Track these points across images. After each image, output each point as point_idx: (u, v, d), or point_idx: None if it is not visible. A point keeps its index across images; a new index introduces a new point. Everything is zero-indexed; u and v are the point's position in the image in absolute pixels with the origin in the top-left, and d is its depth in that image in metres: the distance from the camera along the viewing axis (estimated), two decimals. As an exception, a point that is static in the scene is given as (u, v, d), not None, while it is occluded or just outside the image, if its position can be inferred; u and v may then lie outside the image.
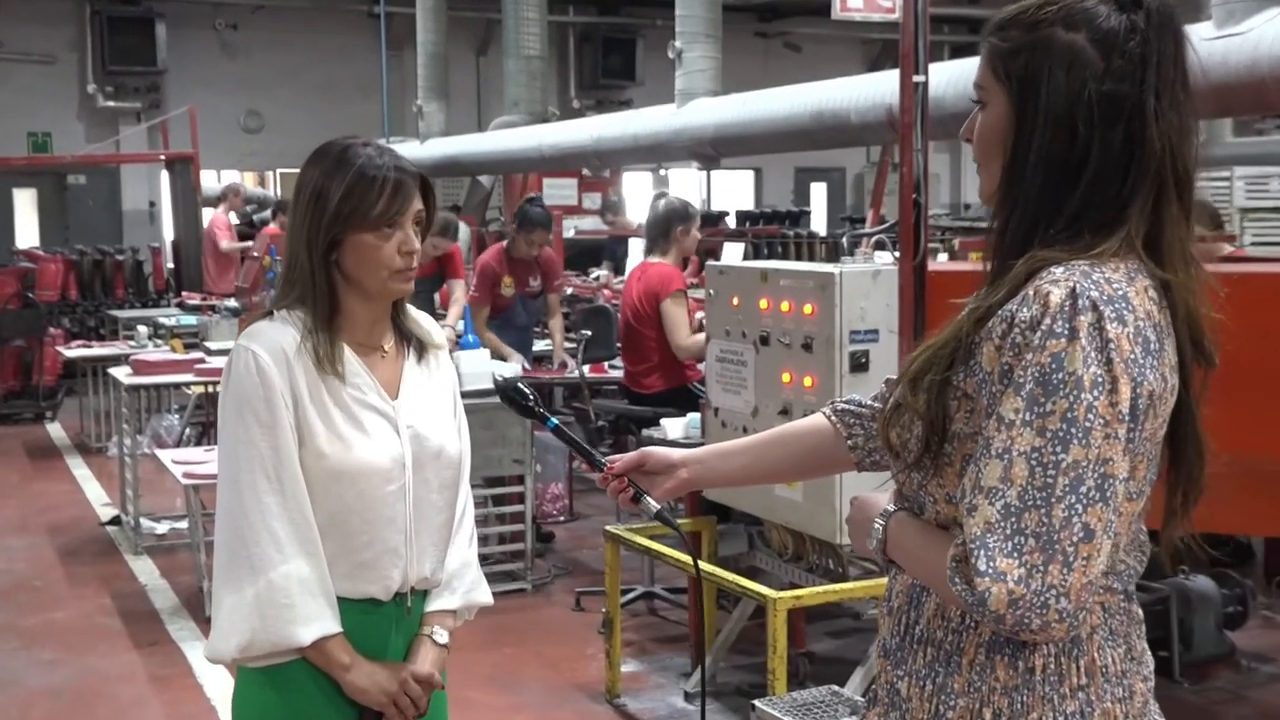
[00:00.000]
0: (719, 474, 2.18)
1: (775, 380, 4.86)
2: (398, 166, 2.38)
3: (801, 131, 8.56)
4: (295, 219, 2.38)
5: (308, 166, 2.39)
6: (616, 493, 2.16)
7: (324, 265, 2.36)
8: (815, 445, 2.10)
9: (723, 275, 5.19)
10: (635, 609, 6.41)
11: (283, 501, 2.29)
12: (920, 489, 1.78)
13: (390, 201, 2.35)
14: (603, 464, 2.17)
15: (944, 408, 1.71)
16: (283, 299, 2.40)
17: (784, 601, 4.25)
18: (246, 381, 2.30)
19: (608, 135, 10.96)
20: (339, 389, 2.36)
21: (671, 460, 2.17)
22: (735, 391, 5.09)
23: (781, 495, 4.87)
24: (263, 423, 2.29)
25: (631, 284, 7.14)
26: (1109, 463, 1.58)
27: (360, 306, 2.41)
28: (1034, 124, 1.68)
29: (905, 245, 4.62)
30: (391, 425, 2.40)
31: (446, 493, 2.47)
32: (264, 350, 2.32)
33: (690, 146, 9.79)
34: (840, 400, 2.10)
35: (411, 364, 2.49)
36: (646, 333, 6.88)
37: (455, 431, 2.51)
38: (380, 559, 2.37)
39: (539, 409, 2.27)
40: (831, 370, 4.64)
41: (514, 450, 6.51)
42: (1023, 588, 1.57)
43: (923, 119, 4.59)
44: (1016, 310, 1.63)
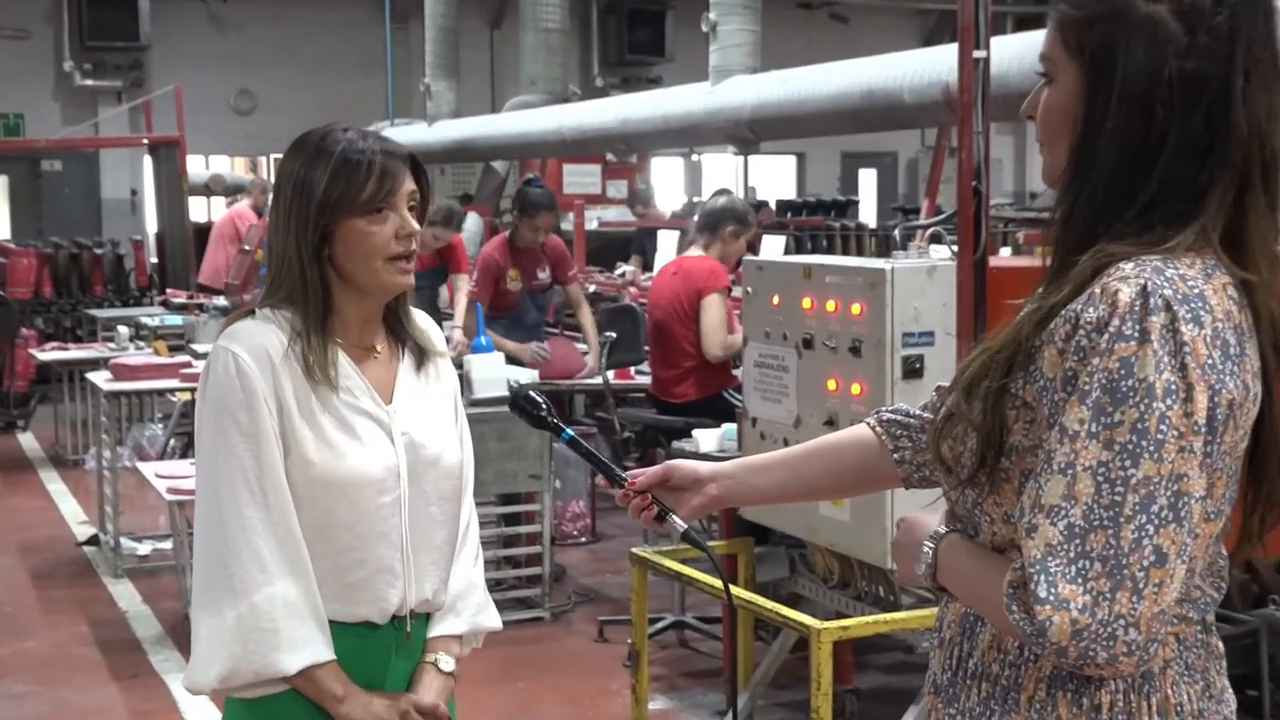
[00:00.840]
0: (751, 490, 2.18)
1: (819, 388, 4.86)
2: (383, 148, 2.40)
3: (849, 112, 8.55)
4: (279, 215, 2.40)
5: (286, 160, 2.42)
6: (638, 511, 2.16)
7: (315, 261, 2.38)
8: (858, 459, 2.10)
9: (762, 271, 5.19)
10: (664, 640, 6.41)
11: (266, 516, 2.30)
12: (974, 508, 1.79)
13: (380, 182, 2.37)
14: (623, 479, 2.18)
15: (1001, 418, 1.71)
16: (268, 297, 2.42)
17: (829, 633, 4.25)
18: (226, 386, 2.31)
19: (634, 116, 10.98)
20: (329, 393, 2.38)
21: (699, 475, 2.17)
22: (775, 400, 5.09)
23: (826, 515, 4.87)
24: (244, 430, 2.30)
25: (664, 280, 7.16)
26: (1183, 479, 1.58)
27: (353, 305, 2.43)
28: (1107, 102, 1.68)
29: (964, 238, 4.61)
30: (385, 431, 2.41)
31: (447, 506, 2.48)
32: (245, 352, 2.33)
33: (726, 129, 9.80)
34: (886, 409, 2.10)
35: (407, 367, 2.51)
36: (681, 333, 6.89)
37: (456, 439, 2.53)
38: (374, 578, 2.38)
39: (552, 419, 2.27)
40: (882, 377, 4.63)
41: (531, 464, 6.53)
42: (1087, 617, 1.57)
43: (984, 98, 4.59)
44: (1081, 310, 1.64)
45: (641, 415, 7.39)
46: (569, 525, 8.16)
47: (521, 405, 2.28)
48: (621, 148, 11.75)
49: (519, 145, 13.21)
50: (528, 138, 12.76)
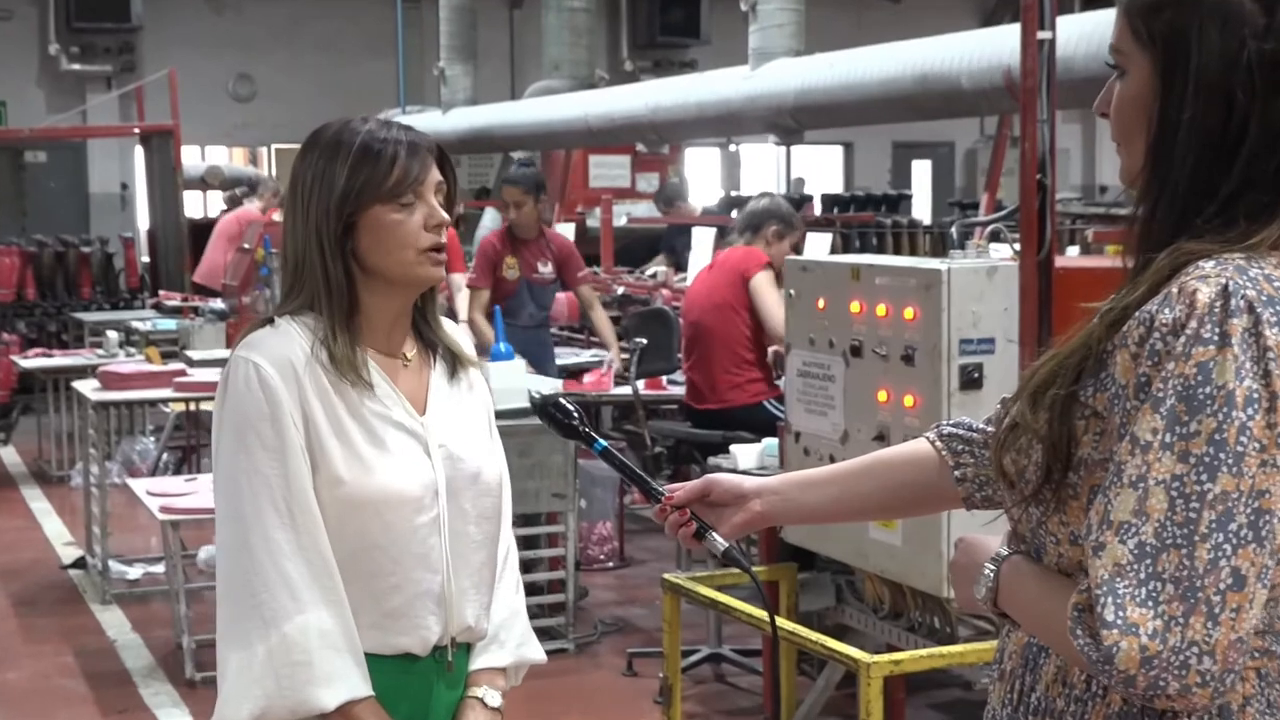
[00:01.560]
0: (799, 508, 2.18)
1: (869, 399, 4.86)
2: (409, 137, 2.42)
3: (901, 99, 8.55)
4: (296, 212, 2.41)
5: (302, 156, 2.43)
6: (676, 528, 2.17)
7: (339, 256, 2.39)
8: (916, 476, 2.10)
9: (806, 272, 5.19)
10: (699, 674, 6.42)
11: (296, 539, 2.30)
12: (1039, 527, 1.79)
13: (406, 168, 2.39)
14: (660, 494, 2.19)
15: (1069, 428, 1.71)
16: (286, 304, 2.43)
17: (880, 667, 4.24)
18: (248, 399, 2.32)
19: (667, 104, 10.99)
20: (358, 403, 2.38)
21: (742, 490, 2.18)
22: (820, 412, 5.08)
23: (876, 538, 4.87)
24: (268, 446, 2.31)
25: (700, 279, 7.18)
26: (1265, 495, 1.58)
27: (380, 305, 2.44)
28: (1182, 93, 1.68)
29: (1027, 236, 4.61)
30: (421, 445, 2.42)
31: (486, 525, 2.48)
32: (267, 361, 2.34)
33: (766, 117, 9.81)
34: (947, 423, 2.10)
35: (439, 376, 2.52)
36: (721, 330, 6.91)
37: (492, 453, 2.54)
38: (414, 605, 2.38)
39: (585, 429, 2.28)
40: (937, 387, 4.63)
41: (554, 482, 6.54)
42: (1158, 643, 1.57)
43: (1049, 83, 4.59)
44: (1157, 311, 1.64)
45: (674, 428, 7.39)
46: (595, 549, 8.17)
47: (552, 414, 2.28)
48: (653, 138, 11.78)
49: (541, 135, 13.24)
50: (550, 127, 12.79)
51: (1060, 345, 1.76)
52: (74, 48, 18.90)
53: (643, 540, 8.67)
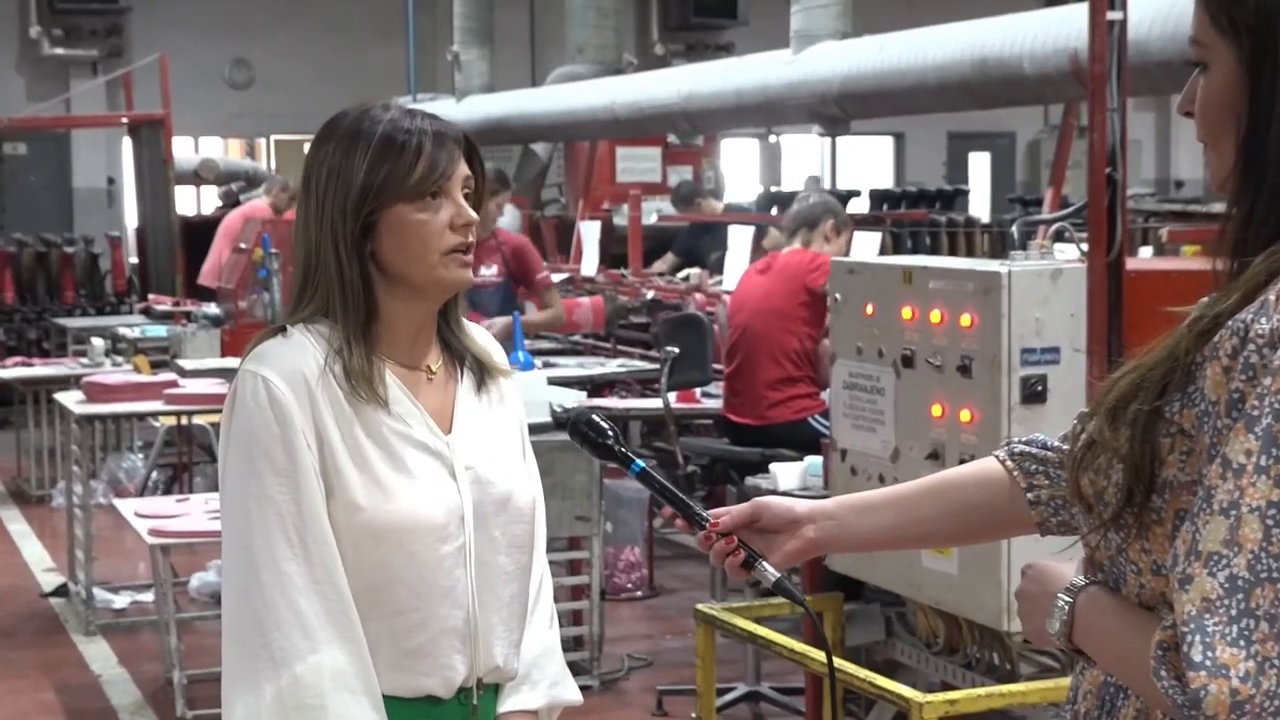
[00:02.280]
0: (856, 534, 2.18)
1: (922, 414, 4.85)
2: (434, 127, 2.40)
3: (958, 85, 8.53)
4: (308, 210, 2.40)
5: (316, 147, 2.42)
6: (722, 556, 2.16)
7: (356, 258, 2.37)
8: (985, 499, 2.10)
9: (853, 275, 5.18)
10: (736, 713, 6.40)
11: (309, 571, 2.30)
12: (1119, 555, 1.77)
13: (431, 163, 2.37)
14: (705, 519, 2.18)
15: (1153, 447, 1.70)
16: (298, 311, 2.41)
17: (933, 707, 4.23)
18: (257, 417, 2.31)
19: (701, 91, 11.00)
20: (377, 422, 2.37)
21: (795, 515, 2.17)
22: (869, 428, 5.07)
23: (930, 567, 4.85)
24: (279, 469, 2.30)
25: (752, 280, 7.19)
26: (1372, 526, 1.57)
27: (402, 312, 2.42)
28: (1273, 85, 1.67)
29: (1096, 235, 4.59)
30: (446, 467, 2.40)
31: (518, 555, 2.47)
32: (278, 376, 2.32)
33: (810, 105, 9.80)
34: (1019, 440, 2.09)
35: (466, 389, 2.50)
36: (773, 341, 6.92)
37: (526, 475, 2.52)
38: (437, 643, 2.37)
39: (621, 448, 2.27)
40: (996, 401, 4.61)
41: (578, 504, 6.54)
42: (1250, 686, 1.55)
43: (1119, 68, 4.57)
44: (1252, 321, 1.62)
45: (709, 445, 7.38)
46: (622, 577, 8.16)
47: (584, 432, 2.28)
48: (685, 128, 11.78)
49: (564, 125, 13.26)
50: (574, 116, 12.81)
51: (1142, 356, 1.74)
52: (56, 30, 19.00)
53: (674, 567, 8.66)
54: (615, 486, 7.71)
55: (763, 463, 6.27)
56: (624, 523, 8.16)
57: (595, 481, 6.56)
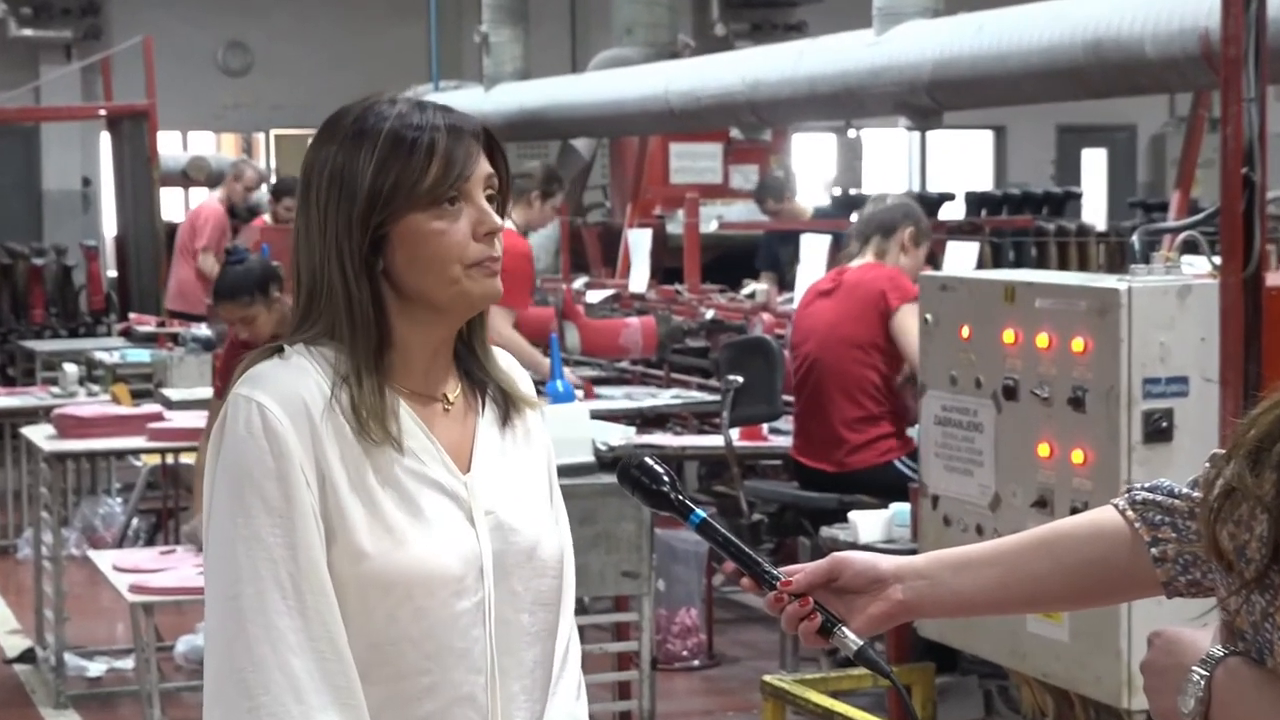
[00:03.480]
0: (953, 595, 2.18)
1: (1027, 454, 4.84)
2: (448, 121, 2.41)
3: (1068, 71, 8.51)
4: (309, 219, 2.40)
5: (315, 149, 2.42)
6: (795, 621, 2.17)
7: (365, 278, 2.38)
8: (1101, 554, 2.10)
9: (946, 292, 5.17)
10: (808, 804, 6.38)
11: (304, 626, 2.30)
12: (1265, 620, 1.77)
13: (446, 164, 2.38)
14: (775, 577, 2.19)
15: (1305, 494, 1.70)
16: (301, 330, 2.43)
17: (1039, 796, 4.21)
18: (249, 449, 2.32)
19: (769, 78, 11.00)
20: (387, 458, 2.38)
21: (880, 573, 2.18)
22: (964, 471, 5.06)
23: (1037, 632, 4.84)
24: (273, 509, 2.31)
25: (817, 302, 7.16)
26: None
27: (418, 335, 2.43)
28: None
29: (1230, 246, 4.57)
30: (463, 511, 2.41)
31: (542, 613, 2.48)
32: (275, 403, 2.34)
33: (896, 94, 9.79)
34: (1140, 486, 2.09)
35: (488, 424, 2.51)
36: (847, 375, 6.90)
37: (553, 522, 2.53)
38: (449, 712, 2.38)
39: (678, 496, 2.28)
40: (1114, 439, 4.60)
41: (625, 558, 6.53)
42: None
43: (1258, 52, 4.55)
44: None
45: (777, 490, 7.36)
46: (676, 643, 8.15)
47: (635, 477, 2.29)
48: (751, 120, 11.78)
49: (609, 117, 13.28)
50: (621, 107, 12.83)
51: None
52: (25, 9, 19.14)
53: (737, 632, 8.64)
54: (669, 538, 7.70)
55: (840, 511, 6.26)
56: (679, 580, 8.15)
57: (645, 532, 6.55)
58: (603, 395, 9.04)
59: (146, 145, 14.33)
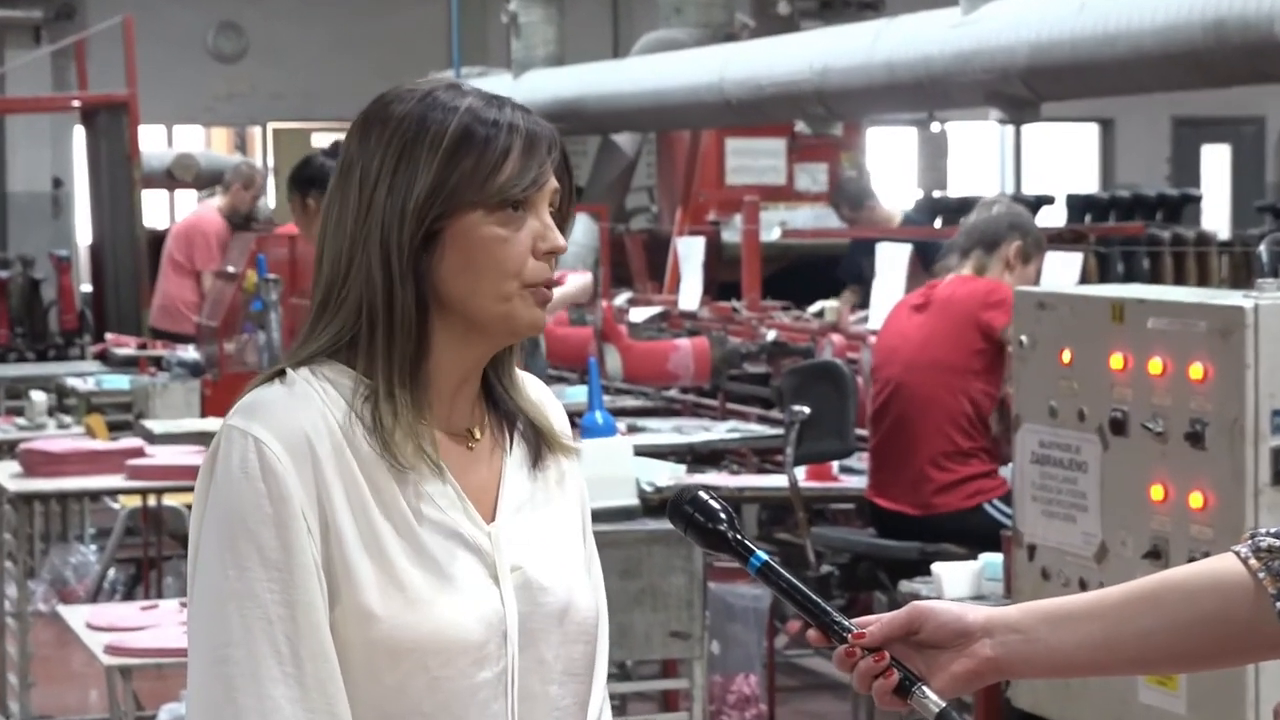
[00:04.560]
0: (1049, 653, 2.18)
1: (1138, 497, 4.83)
2: (527, 122, 2.40)
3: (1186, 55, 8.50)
4: (348, 205, 2.38)
5: (362, 135, 2.40)
6: (869, 679, 2.17)
7: (412, 276, 2.37)
8: (1221, 609, 2.11)
9: (1044, 311, 5.16)
10: None
11: (302, 697, 2.30)
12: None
13: (522, 165, 2.37)
14: (846, 628, 2.20)
15: None
16: (308, 343, 2.41)
17: None
18: (243, 490, 2.32)
19: (841, 63, 11.01)
20: (400, 504, 2.37)
21: (966, 625, 2.19)
22: (1066, 516, 5.05)
23: (1149, 702, 4.83)
24: (270, 561, 2.30)
25: (903, 321, 7.16)
26: None
27: (451, 356, 2.42)
28: None
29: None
30: (486, 567, 2.41)
31: (574, 684, 2.48)
32: (274, 437, 2.33)
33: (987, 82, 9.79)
34: (1266, 532, 2.10)
35: (516, 465, 2.50)
36: (937, 403, 6.89)
37: (588, 580, 2.52)
38: None
39: (737, 536, 2.28)
40: (1238, 480, 4.59)
41: (673, 616, 6.53)
42: None
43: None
44: None
45: (850, 537, 7.36)
46: (733, 714, 8.15)
47: (689, 514, 2.30)
48: (819, 112, 11.79)
49: (656, 109, 13.30)
50: (670, 97, 12.85)
51: None
52: (-11, -14, 19.28)
53: (803, 701, 8.63)
54: (724, 593, 7.70)
55: (923, 562, 6.25)
56: (736, 642, 8.14)
57: (697, 585, 6.55)
58: (648, 428, 9.04)
59: (126, 141, 14.37)
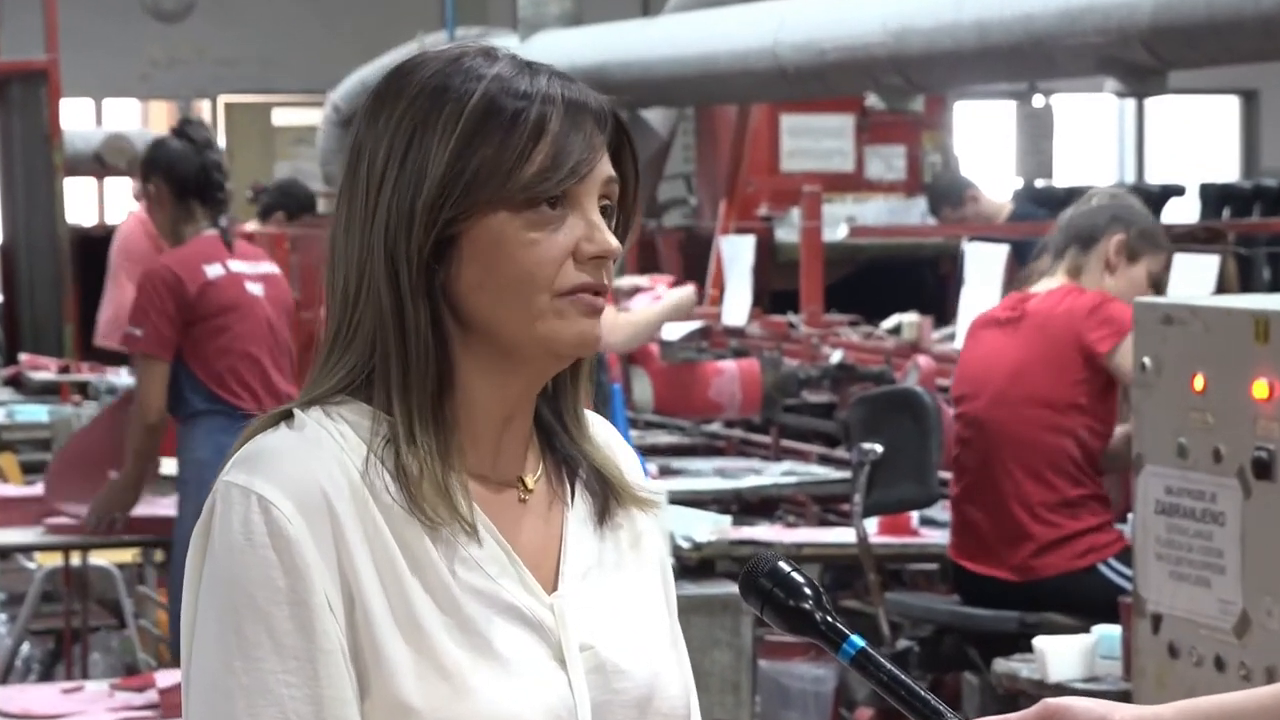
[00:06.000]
0: None
1: (1287, 555, 4.84)
2: (567, 92, 2.39)
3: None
4: (355, 209, 2.39)
5: (371, 116, 2.41)
6: None
7: (424, 292, 2.36)
8: None
9: (1171, 326, 5.18)
10: None
11: None
12: None
13: (559, 149, 2.36)
14: (956, 726, 2.22)
15: None
16: (322, 374, 2.41)
17: None
18: (250, 563, 2.32)
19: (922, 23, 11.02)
20: (440, 570, 2.37)
21: None
22: (1198, 579, 5.06)
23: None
24: (285, 647, 2.31)
25: (988, 341, 7.16)
26: None
27: (485, 388, 2.41)
28: None
29: None
30: (549, 646, 2.41)
31: None
32: (284, 495, 2.33)
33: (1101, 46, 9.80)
34: None
35: (580, 521, 2.50)
36: (1032, 443, 6.90)
37: (674, 659, 2.54)
38: None
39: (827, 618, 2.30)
40: None
41: (716, 701, 6.56)
42: None
43: None
44: None
45: (932, 606, 7.36)
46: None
47: (765, 589, 2.32)
48: (896, 83, 11.80)
49: (695, 79, 13.32)
50: (712, 64, 12.87)
51: None
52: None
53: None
54: (777, 672, 7.71)
55: (1022, 635, 6.26)
56: (793, 730, 8.17)
57: (745, 663, 6.58)
58: (685, 471, 9.06)
59: (45, 118, 14.41)
